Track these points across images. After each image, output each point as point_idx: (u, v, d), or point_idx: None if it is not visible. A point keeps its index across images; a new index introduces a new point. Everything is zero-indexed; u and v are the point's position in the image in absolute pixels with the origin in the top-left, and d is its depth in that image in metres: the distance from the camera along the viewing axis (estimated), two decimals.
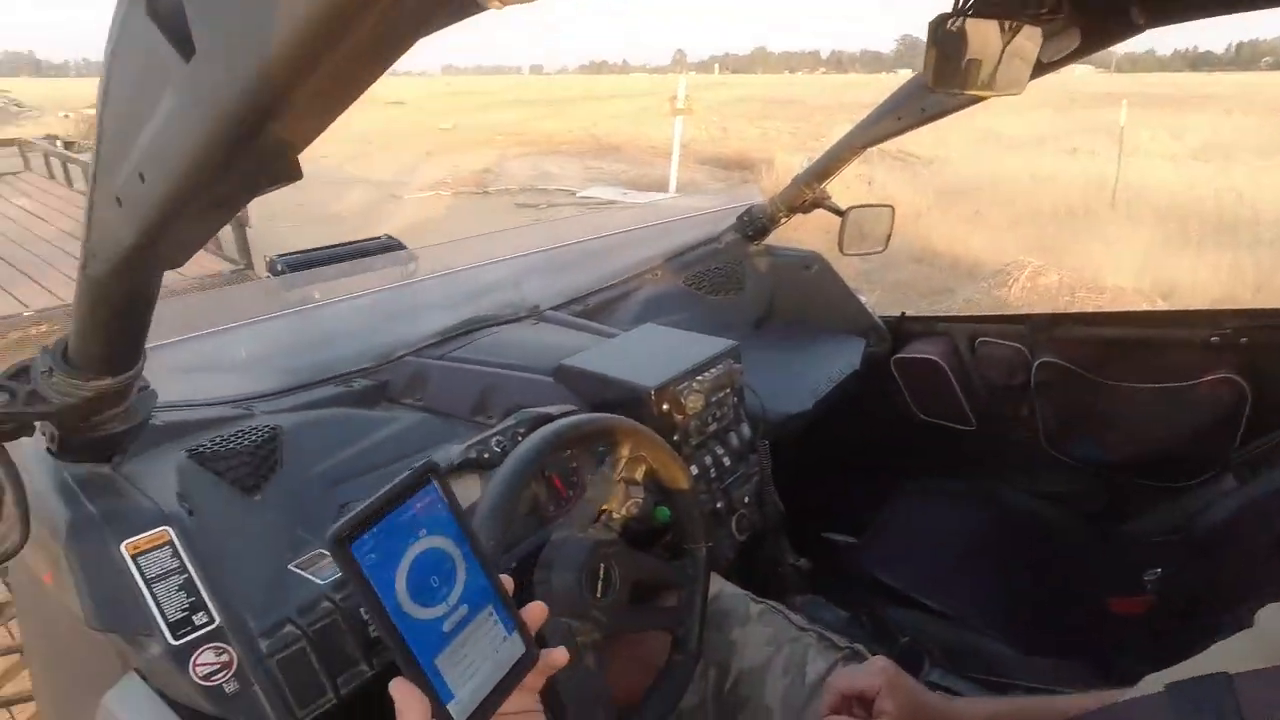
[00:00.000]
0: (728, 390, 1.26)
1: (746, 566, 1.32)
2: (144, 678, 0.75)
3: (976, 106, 1.34)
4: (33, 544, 0.81)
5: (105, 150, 0.43)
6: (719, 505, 1.23)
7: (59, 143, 9.22)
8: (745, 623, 1.04)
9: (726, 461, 1.25)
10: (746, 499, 1.28)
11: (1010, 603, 1.45)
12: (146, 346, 0.71)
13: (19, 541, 0.68)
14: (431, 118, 21.26)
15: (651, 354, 1.25)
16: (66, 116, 15.54)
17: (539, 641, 0.54)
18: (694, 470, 1.18)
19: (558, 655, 0.54)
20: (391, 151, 13.99)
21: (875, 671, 0.77)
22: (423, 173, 11.72)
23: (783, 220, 1.85)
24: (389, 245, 1.50)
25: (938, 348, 1.75)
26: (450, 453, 0.93)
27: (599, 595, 0.84)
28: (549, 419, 0.97)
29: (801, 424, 1.49)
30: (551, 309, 1.55)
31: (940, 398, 1.77)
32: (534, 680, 0.53)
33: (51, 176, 8.07)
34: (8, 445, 0.69)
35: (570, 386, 1.18)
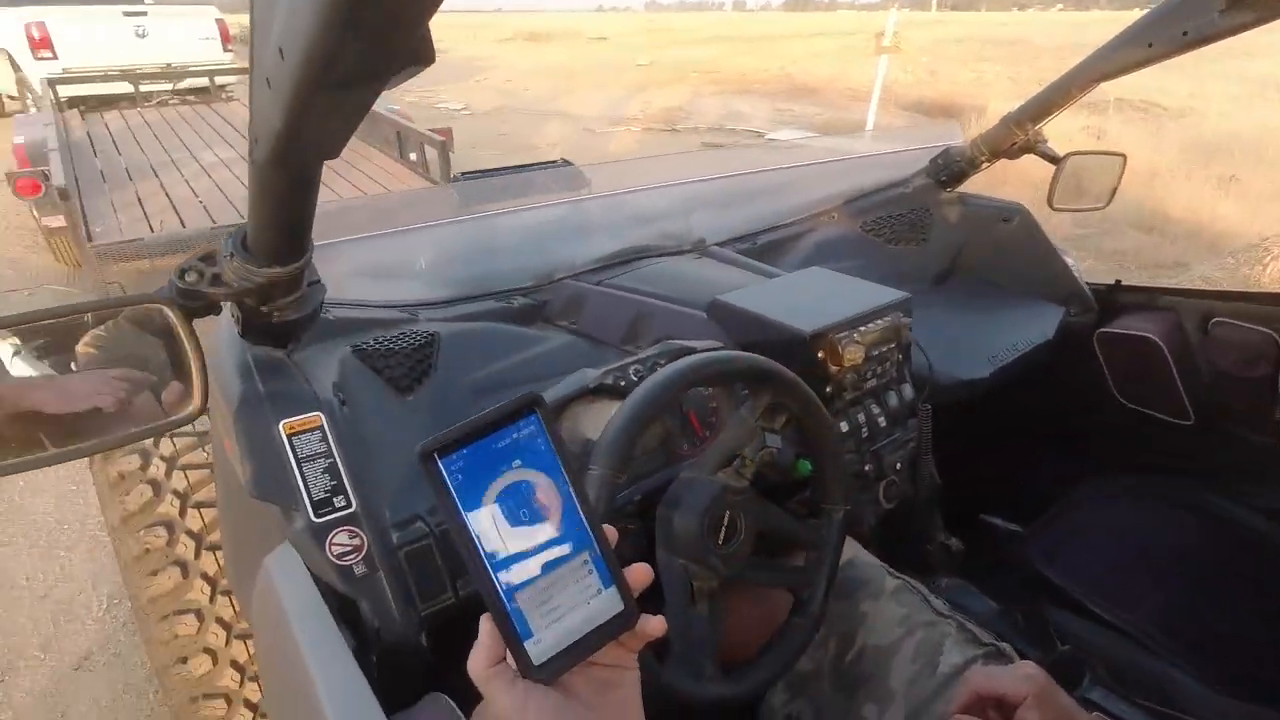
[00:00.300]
0: (892, 345, 1.16)
1: (890, 538, 1.23)
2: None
3: (1254, 45, 1.06)
4: (218, 414, 0.90)
5: (257, 32, 0.44)
6: (867, 468, 1.15)
7: None
8: (878, 596, 0.97)
9: (882, 422, 1.16)
10: (899, 465, 1.18)
11: (1208, 629, 1.24)
12: (327, 242, 0.75)
13: (199, 407, 0.75)
14: (630, 54, 21.33)
15: (812, 298, 1.17)
16: None
17: (646, 593, 0.51)
18: (844, 427, 1.11)
19: (655, 624, 0.51)
20: (590, 87, 14.24)
21: (1022, 677, 0.68)
22: (616, 108, 11.84)
23: (984, 165, 1.64)
24: (562, 167, 1.52)
25: (1157, 325, 1.50)
26: (587, 376, 0.93)
27: (721, 542, 0.81)
28: (690, 353, 0.93)
29: (974, 392, 1.35)
30: (717, 244, 1.49)
31: (1152, 383, 1.52)
32: (631, 641, 0.50)
33: None
34: (195, 323, 0.76)
35: (722, 324, 1.14)
